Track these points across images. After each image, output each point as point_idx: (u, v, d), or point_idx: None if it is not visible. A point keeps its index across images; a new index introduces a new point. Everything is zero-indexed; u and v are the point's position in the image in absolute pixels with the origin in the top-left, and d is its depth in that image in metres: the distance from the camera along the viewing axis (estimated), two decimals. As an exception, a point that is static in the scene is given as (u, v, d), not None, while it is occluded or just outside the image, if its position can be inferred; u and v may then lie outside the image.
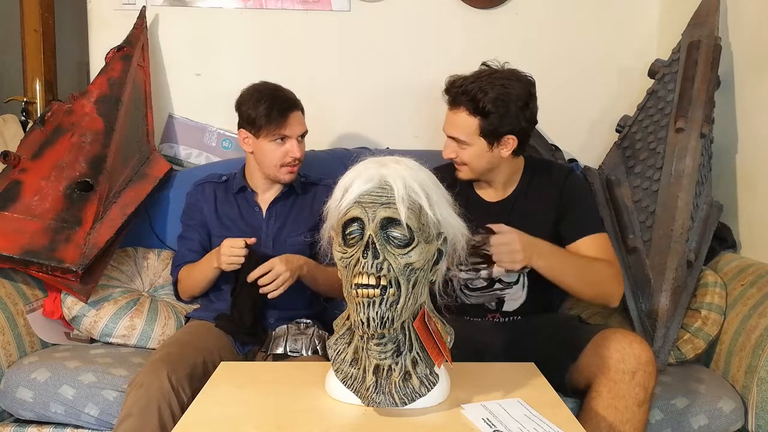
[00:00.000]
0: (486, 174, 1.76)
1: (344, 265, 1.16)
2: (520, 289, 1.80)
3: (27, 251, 1.87)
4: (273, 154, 1.86)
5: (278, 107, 1.84)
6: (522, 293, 1.80)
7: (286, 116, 1.84)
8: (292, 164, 1.88)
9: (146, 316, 1.97)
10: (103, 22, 2.49)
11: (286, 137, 1.85)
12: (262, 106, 1.83)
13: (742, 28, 2.16)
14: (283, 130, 1.84)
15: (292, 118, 1.85)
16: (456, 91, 1.68)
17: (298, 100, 1.90)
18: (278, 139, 1.85)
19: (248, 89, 1.90)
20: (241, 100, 1.90)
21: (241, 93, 1.91)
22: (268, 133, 1.84)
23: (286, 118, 1.84)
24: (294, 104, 1.88)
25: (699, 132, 2.01)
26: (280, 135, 1.84)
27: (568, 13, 2.52)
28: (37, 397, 1.71)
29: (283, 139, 1.85)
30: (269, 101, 1.84)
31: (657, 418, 1.68)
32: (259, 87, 1.89)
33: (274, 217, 1.93)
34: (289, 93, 1.90)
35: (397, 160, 1.19)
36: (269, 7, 2.50)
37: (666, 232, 1.93)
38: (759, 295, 1.79)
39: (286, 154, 1.86)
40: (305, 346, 1.78)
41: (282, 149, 1.85)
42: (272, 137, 1.84)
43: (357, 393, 1.19)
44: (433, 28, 2.52)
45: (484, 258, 1.71)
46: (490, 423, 1.15)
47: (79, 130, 2.11)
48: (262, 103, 1.84)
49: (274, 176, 1.90)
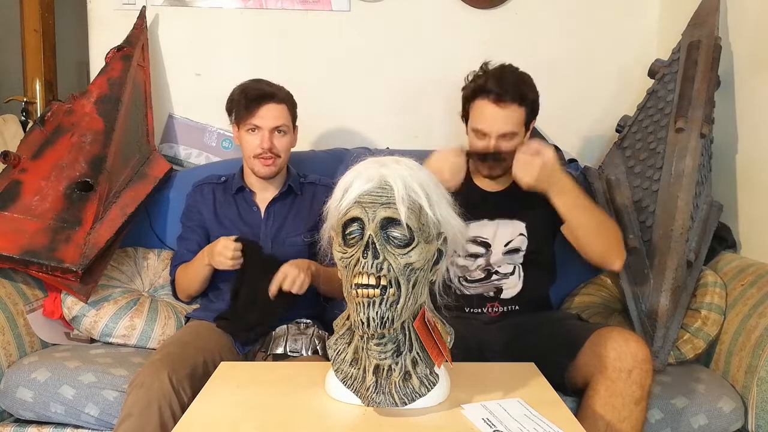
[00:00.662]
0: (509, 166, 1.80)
1: (344, 265, 1.16)
2: (516, 279, 1.84)
3: (27, 251, 1.87)
4: (247, 145, 1.89)
5: (249, 96, 1.87)
6: (518, 283, 1.84)
7: (256, 106, 1.86)
8: (264, 156, 1.87)
9: (146, 316, 1.97)
10: (103, 22, 2.49)
11: (257, 128, 1.87)
12: (237, 96, 1.90)
13: (742, 28, 2.16)
14: (253, 120, 1.87)
15: (264, 110, 1.86)
16: (504, 86, 1.73)
17: (279, 93, 1.90)
18: (250, 129, 1.88)
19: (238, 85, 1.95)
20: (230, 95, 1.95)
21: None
22: (242, 122, 1.89)
23: (256, 108, 1.86)
24: (268, 95, 1.88)
25: (699, 132, 2.01)
26: (251, 125, 1.87)
27: (568, 13, 2.52)
28: (37, 397, 1.71)
29: (254, 130, 1.87)
30: (244, 90, 1.89)
31: (657, 418, 1.68)
32: (246, 81, 1.94)
33: (273, 217, 1.93)
34: (267, 85, 1.91)
35: (397, 160, 1.19)
36: (269, 7, 2.50)
37: (666, 232, 1.93)
38: (759, 295, 1.79)
39: (257, 145, 1.87)
40: (305, 346, 1.78)
41: (254, 140, 1.87)
42: (246, 127, 1.88)
43: (357, 393, 1.19)
44: (433, 28, 2.52)
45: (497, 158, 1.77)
46: (490, 423, 1.15)
47: (79, 130, 2.11)
48: (238, 93, 1.90)
49: (251, 167, 1.92)
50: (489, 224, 1.84)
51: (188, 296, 1.97)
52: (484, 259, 1.83)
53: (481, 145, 1.78)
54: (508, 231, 1.84)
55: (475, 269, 1.83)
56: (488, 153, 1.77)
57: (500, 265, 1.83)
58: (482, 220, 1.83)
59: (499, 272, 1.83)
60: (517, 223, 1.84)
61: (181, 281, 1.94)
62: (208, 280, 1.88)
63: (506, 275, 1.83)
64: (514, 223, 1.84)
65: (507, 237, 1.83)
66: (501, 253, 1.83)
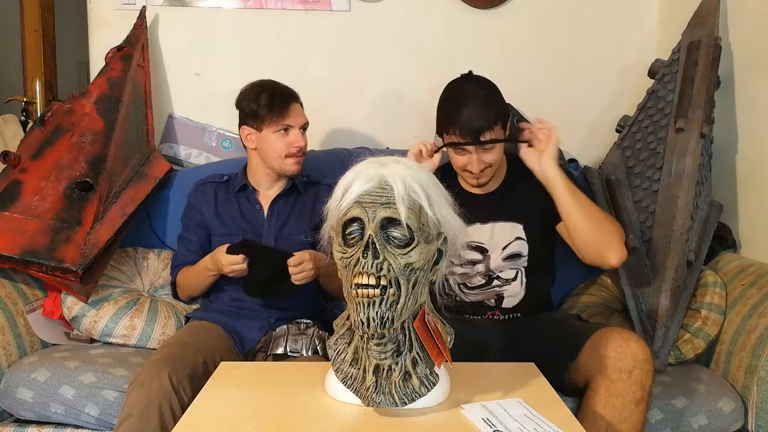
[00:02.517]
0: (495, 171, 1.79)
1: (344, 265, 1.16)
2: (518, 286, 1.82)
3: (27, 251, 1.86)
4: (278, 145, 1.88)
5: (279, 97, 1.88)
6: (520, 290, 1.82)
7: (287, 106, 1.88)
8: (297, 155, 1.90)
9: (146, 316, 1.97)
10: (103, 22, 2.49)
11: (289, 127, 1.88)
12: (264, 98, 1.88)
13: (742, 28, 2.16)
14: (285, 120, 1.87)
15: (293, 109, 1.89)
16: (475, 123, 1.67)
17: (297, 94, 1.94)
18: (281, 130, 1.88)
19: (247, 86, 1.94)
20: (241, 96, 1.94)
21: (240, 91, 1.94)
22: (271, 123, 1.87)
23: (287, 108, 1.88)
24: (293, 96, 1.92)
25: (699, 132, 2.01)
26: (283, 125, 1.87)
27: (568, 13, 2.52)
28: (37, 397, 1.71)
29: (286, 130, 1.88)
30: (270, 92, 1.89)
31: (657, 418, 1.68)
32: (258, 82, 1.94)
33: (276, 214, 1.94)
34: (287, 86, 1.94)
35: (397, 160, 1.19)
36: (269, 7, 2.50)
37: (666, 232, 1.93)
38: (759, 295, 1.79)
39: (290, 144, 1.88)
40: (305, 346, 1.78)
41: (286, 140, 1.88)
42: (275, 128, 1.87)
43: (357, 393, 1.19)
44: (433, 28, 2.51)
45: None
46: (490, 423, 1.15)
47: (79, 130, 2.11)
48: (263, 95, 1.88)
49: (280, 168, 1.91)
50: (483, 228, 1.81)
51: (189, 297, 1.98)
52: (484, 265, 1.81)
53: (462, 161, 1.74)
54: (506, 233, 1.82)
55: (475, 275, 1.81)
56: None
57: (502, 271, 1.82)
58: (474, 224, 1.79)
59: (501, 278, 1.81)
60: (514, 225, 1.82)
61: (183, 284, 1.95)
62: (212, 284, 1.90)
63: (508, 281, 1.81)
64: (510, 226, 1.82)
65: (505, 240, 1.81)
66: (500, 259, 1.81)
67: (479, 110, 1.69)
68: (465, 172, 1.77)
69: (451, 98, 1.75)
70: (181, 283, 1.95)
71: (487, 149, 1.71)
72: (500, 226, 1.82)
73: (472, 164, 1.72)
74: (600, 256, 1.72)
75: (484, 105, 1.70)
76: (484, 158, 1.72)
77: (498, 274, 1.81)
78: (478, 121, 1.67)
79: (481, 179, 1.77)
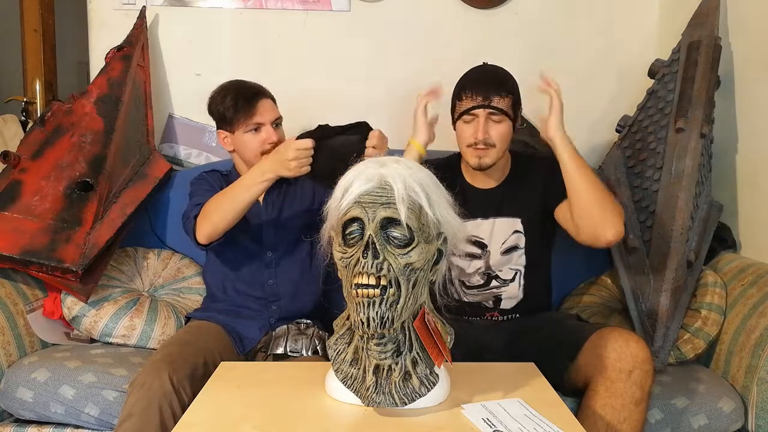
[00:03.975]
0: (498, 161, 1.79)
1: (344, 265, 1.16)
2: (516, 288, 1.81)
3: (27, 251, 1.87)
4: (252, 144, 1.87)
5: (244, 96, 1.87)
6: (518, 292, 1.82)
7: (254, 104, 1.86)
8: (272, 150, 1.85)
9: (146, 316, 1.97)
10: (103, 22, 2.49)
11: (259, 125, 1.86)
12: (229, 100, 1.87)
13: (742, 28, 2.16)
14: (254, 119, 1.86)
15: (260, 106, 1.87)
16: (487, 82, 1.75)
17: (265, 89, 1.92)
18: (252, 129, 1.86)
19: (215, 89, 1.94)
20: (210, 101, 1.93)
21: (210, 95, 1.93)
22: (241, 124, 1.86)
23: (254, 107, 1.86)
24: (260, 92, 1.90)
25: (699, 132, 2.01)
26: (253, 124, 1.86)
27: (567, 13, 2.52)
28: (37, 397, 1.71)
29: (257, 128, 1.87)
30: (234, 93, 1.88)
31: (657, 418, 1.68)
32: (224, 84, 1.94)
33: (271, 205, 1.94)
34: (253, 83, 1.92)
35: (397, 160, 1.20)
36: (269, 7, 2.50)
37: (666, 232, 1.93)
38: (759, 295, 1.79)
39: (263, 142, 1.87)
40: (305, 346, 1.78)
41: (258, 138, 1.87)
42: (246, 128, 1.86)
43: (357, 393, 1.19)
44: (433, 28, 2.51)
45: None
46: (490, 423, 1.15)
47: (79, 130, 2.11)
48: (228, 97, 1.88)
49: None
50: (483, 223, 1.82)
51: (215, 232, 1.75)
52: (483, 262, 1.81)
53: (470, 131, 1.75)
54: (505, 229, 1.82)
55: (474, 273, 1.82)
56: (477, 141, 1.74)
57: (500, 269, 1.82)
58: (476, 219, 1.80)
59: (499, 277, 1.81)
60: (513, 220, 1.82)
61: (212, 212, 1.75)
62: (248, 208, 1.75)
63: (506, 282, 1.81)
64: (510, 221, 1.82)
65: (504, 235, 1.82)
66: (499, 253, 1.82)
67: (492, 77, 1.77)
68: (469, 149, 1.76)
69: (467, 73, 1.83)
70: (209, 211, 1.75)
71: (495, 121, 1.73)
72: (501, 222, 1.82)
73: (478, 131, 1.73)
74: (596, 227, 1.64)
75: (497, 75, 1.79)
76: (490, 131, 1.73)
77: (497, 273, 1.81)
78: (490, 83, 1.74)
79: (484, 159, 1.75)
